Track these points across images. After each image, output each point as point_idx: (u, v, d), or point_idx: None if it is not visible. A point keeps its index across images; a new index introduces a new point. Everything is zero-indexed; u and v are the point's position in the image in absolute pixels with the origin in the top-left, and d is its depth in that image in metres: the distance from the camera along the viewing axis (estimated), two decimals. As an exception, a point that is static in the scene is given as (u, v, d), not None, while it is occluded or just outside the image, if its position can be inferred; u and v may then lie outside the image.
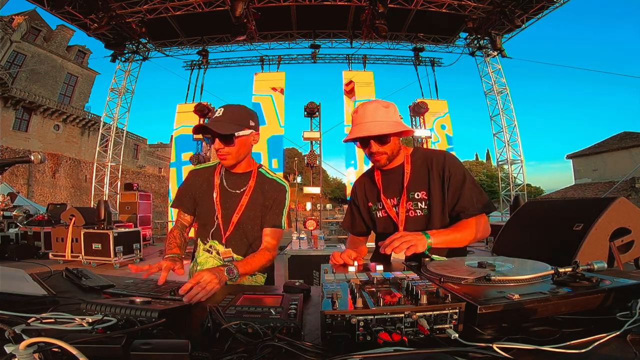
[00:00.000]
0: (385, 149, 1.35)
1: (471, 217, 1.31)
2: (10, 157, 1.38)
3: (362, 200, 1.55)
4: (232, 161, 1.45)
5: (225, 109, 1.41)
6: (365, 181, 1.56)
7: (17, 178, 18.79)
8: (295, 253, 4.23)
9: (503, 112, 11.92)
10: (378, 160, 1.38)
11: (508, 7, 8.94)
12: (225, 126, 1.38)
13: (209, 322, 0.69)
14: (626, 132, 19.87)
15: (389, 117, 1.32)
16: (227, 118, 1.39)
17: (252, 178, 1.51)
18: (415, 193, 1.38)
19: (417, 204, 1.37)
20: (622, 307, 0.71)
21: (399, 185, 1.41)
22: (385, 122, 1.31)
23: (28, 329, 0.67)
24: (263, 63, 11.83)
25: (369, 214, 1.53)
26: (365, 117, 1.33)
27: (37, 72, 21.87)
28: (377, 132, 1.29)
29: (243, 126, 1.41)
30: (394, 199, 1.42)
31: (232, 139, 1.39)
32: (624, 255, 1.65)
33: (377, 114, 1.32)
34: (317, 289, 1.13)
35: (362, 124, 1.32)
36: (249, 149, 1.48)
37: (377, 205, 1.48)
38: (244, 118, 1.43)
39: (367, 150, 1.37)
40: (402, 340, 0.60)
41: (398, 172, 1.43)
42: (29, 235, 7.54)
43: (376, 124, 1.30)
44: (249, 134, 1.43)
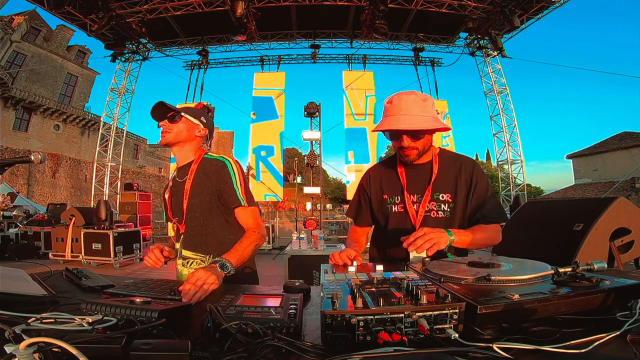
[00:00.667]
0: (417, 145, 1.29)
1: (490, 224, 1.32)
2: (10, 157, 1.38)
3: (376, 190, 1.46)
4: (170, 139, 1.48)
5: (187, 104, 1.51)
6: (383, 171, 1.48)
7: (17, 178, 18.79)
8: (295, 253, 4.23)
9: (503, 112, 11.92)
10: (408, 155, 1.32)
11: (508, 7, 8.94)
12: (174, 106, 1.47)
13: (209, 322, 0.69)
14: (626, 132, 19.86)
15: (427, 111, 1.25)
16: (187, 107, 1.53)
17: (195, 164, 1.50)
18: (440, 194, 1.34)
19: (440, 205, 1.34)
20: (622, 307, 0.71)
21: (425, 182, 1.36)
22: (422, 117, 1.23)
23: (28, 329, 0.67)
24: (263, 63, 11.83)
25: (381, 206, 1.45)
26: (401, 108, 1.25)
27: (37, 72, 21.87)
28: (412, 126, 1.23)
29: (194, 116, 1.50)
30: (415, 196, 1.37)
31: (176, 117, 1.46)
32: (624, 255, 1.65)
33: (414, 107, 1.24)
34: (317, 289, 1.13)
35: (396, 116, 1.25)
36: (191, 136, 1.51)
37: (394, 199, 1.40)
38: (200, 112, 1.54)
39: (397, 143, 1.31)
40: (402, 340, 0.60)
41: (425, 170, 1.38)
42: (29, 235, 7.54)
43: (412, 118, 1.23)
44: (196, 122, 1.51)
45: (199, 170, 1.48)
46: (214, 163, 1.47)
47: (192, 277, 1.07)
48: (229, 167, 1.45)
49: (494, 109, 12.12)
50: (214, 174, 1.44)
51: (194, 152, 1.53)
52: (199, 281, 1.05)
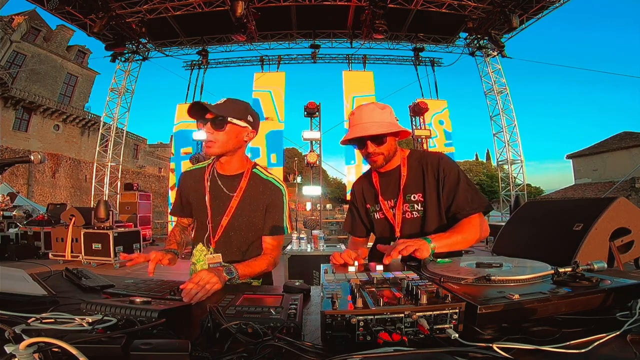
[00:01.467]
0: (382, 150, 1.36)
1: (468, 216, 1.30)
2: (10, 157, 1.38)
3: (361, 202, 1.56)
4: (217, 150, 1.34)
5: (227, 99, 1.38)
6: (363, 183, 1.57)
7: (17, 178, 18.79)
8: (295, 253, 4.23)
9: (503, 112, 11.92)
10: (375, 161, 1.39)
11: (508, 7, 8.95)
12: (220, 108, 1.32)
13: (209, 322, 0.69)
14: (626, 132, 19.86)
15: (385, 118, 1.35)
16: (226, 106, 1.34)
17: (244, 179, 1.42)
18: (411, 195, 1.39)
19: (413, 205, 1.39)
20: (622, 307, 0.71)
21: (396, 187, 1.42)
22: (381, 123, 1.33)
23: (28, 329, 0.67)
24: (263, 63, 11.83)
25: (367, 215, 1.55)
26: (361, 118, 1.35)
27: (37, 72, 21.87)
28: (373, 132, 1.31)
29: (240, 117, 1.34)
30: (391, 201, 1.44)
31: (224, 124, 1.31)
32: (624, 255, 1.65)
33: (373, 114, 1.34)
34: (317, 289, 1.13)
35: (358, 125, 1.35)
36: (239, 143, 1.39)
37: (374, 207, 1.49)
38: (244, 111, 1.37)
39: (364, 151, 1.39)
40: (402, 340, 0.60)
41: (395, 174, 1.44)
42: (29, 235, 7.54)
43: (372, 125, 1.32)
44: (243, 126, 1.36)
45: (248, 189, 1.42)
46: (270, 187, 1.43)
47: (196, 277, 1.07)
48: (283, 194, 1.46)
49: (494, 109, 12.13)
50: (266, 197, 1.42)
51: (241, 162, 1.45)
52: (202, 281, 1.05)
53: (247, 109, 1.40)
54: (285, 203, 1.46)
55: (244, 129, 1.37)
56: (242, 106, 1.39)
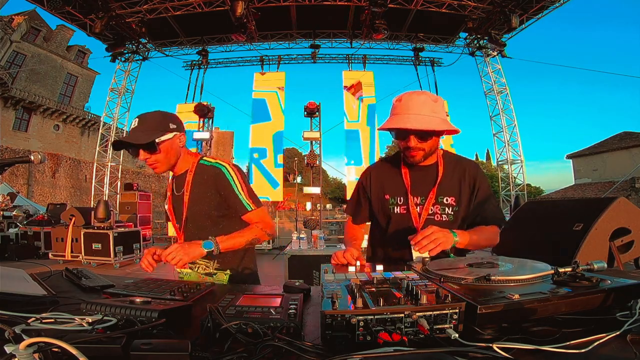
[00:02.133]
0: (425, 146, 1.27)
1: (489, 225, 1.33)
2: (10, 157, 1.38)
3: (378, 189, 1.44)
4: (163, 168, 1.41)
5: (140, 118, 1.36)
6: (386, 171, 1.45)
7: (17, 178, 18.79)
8: (295, 253, 4.23)
9: (503, 112, 11.92)
10: (414, 155, 1.29)
11: (508, 7, 8.94)
12: (142, 136, 1.32)
13: (209, 322, 0.69)
14: (626, 132, 19.86)
15: (437, 112, 1.23)
16: (145, 127, 1.34)
17: (190, 172, 1.46)
18: (444, 198, 1.34)
19: (444, 208, 1.34)
20: (622, 307, 0.71)
21: (429, 185, 1.35)
22: (431, 118, 1.21)
23: (28, 329, 0.67)
24: (263, 63, 11.82)
25: (382, 205, 1.42)
26: (410, 107, 1.22)
27: (37, 72, 21.87)
28: (422, 126, 1.20)
29: (163, 131, 1.36)
30: (418, 198, 1.35)
31: (155, 146, 1.34)
32: (624, 255, 1.65)
33: (424, 107, 1.22)
34: (317, 289, 1.13)
35: (405, 115, 1.22)
36: (177, 151, 1.43)
37: (396, 200, 1.38)
38: (162, 123, 1.37)
39: (403, 143, 1.28)
40: (402, 340, 0.60)
41: (429, 172, 1.36)
42: (29, 235, 7.54)
43: (422, 118, 1.20)
44: (172, 137, 1.38)
45: (195, 180, 1.46)
46: (210, 170, 1.45)
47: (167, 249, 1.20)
48: (225, 173, 1.43)
49: (494, 109, 12.12)
50: (211, 181, 1.43)
51: (186, 161, 1.49)
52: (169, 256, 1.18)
53: (164, 119, 1.39)
54: (233, 180, 1.42)
55: (174, 138, 1.40)
56: (158, 118, 1.38)
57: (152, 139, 1.32)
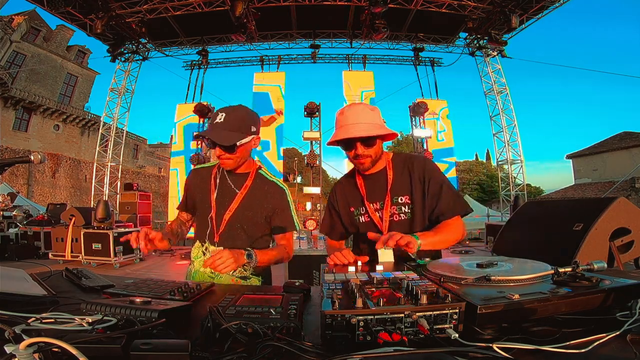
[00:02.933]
0: (370, 152, 1.34)
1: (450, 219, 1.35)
2: (10, 157, 1.38)
3: (343, 204, 1.52)
4: (233, 165, 1.45)
5: (226, 113, 1.36)
6: (346, 185, 1.54)
7: (17, 178, 18.79)
8: (295, 253, 4.20)
9: (503, 112, 11.91)
10: (362, 163, 1.37)
11: (508, 7, 8.94)
12: (226, 135, 1.34)
13: (209, 322, 0.69)
14: (626, 132, 19.86)
15: (375, 119, 1.32)
16: (229, 125, 1.35)
17: (250, 178, 1.50)
18: (398, 197, 1.39)
19: (400, 208, 1.39)
20: (622, 307, 0.71)
21: (383, 189, 1.41)
22: (371, 124, 1.30)
23: (28, 329, 0.67)
24: (263, 63, 11.82)
25: (350, 218, 1.51)
26: (350, 118, 1.31)
27: (37, 72, 21.87)
28: (364, 133, 1.28)
29: (245, 133, 1.38)
30: (377, 203, 1.42)
31: (234, 148, 1.37)
32: (624, 255, 1.65)
33: (363, 115, 1.31)
34: (317, 289, 1.13)
35: (347, 126, 1.31)
36: (249, 153, 1.48)
37: (359, 210, 1.46)
38: (246, 124, 1.39)
39: (351, 152, 1.36)
40: (402, 340, 0.60)
41: (381, 177, 1.43)
42: (29, 235, 7.53)
43: (362, 126, 1.29)
44: (250, 140, 1.40)
45: (254, 187, 1.49)
46: (274, 187, 1.51)
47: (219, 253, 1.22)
48: (287, 195, 1.52)
49: (493, 109, 12.11)
50: (272, 198, 1.49)
51: (247, 163, 1.52)
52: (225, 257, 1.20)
53: (248, 119, 1.40)
54: (291, 202, 1.53)
55: (251, 140, 1.42)
56: (243, 118, 1.39)
57: (234, 142, 1.35)
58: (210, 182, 1.53)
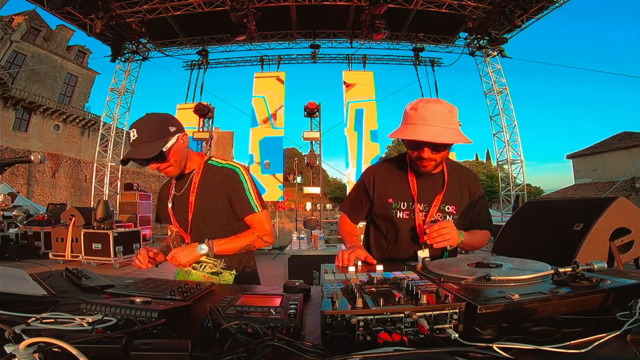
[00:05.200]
0: (437, 157, 1.26)
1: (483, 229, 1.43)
2: (10, 157, 1.37)
3: (380, 192, 1.42)
4: (176, 171, 1.42)
5: (137, 128, 1.31)
6: (390, 174, 1.43)
7: (17, 178, 18.78)
8: (295, 253, 4.22)
9: (503, 112, 11.91)
10: (425, 166, 1.28)
11: (508, 7, 8.94)
12: (147, 148, 1.29)
13: (209, 322, 0.69)
14: (626, 132, 19.85)
15: (452, 123, 1.19)
16: (145, 137, 1.31)
17: (197, 173, 1.47)
18: (446, 206, 1.38)
19: (445, 216, 1.37)
20: (622, 307, 0.71)
21: (434, 193, 1.37)
22: (447, 129, 1.18)
23: (28, 329, 0.67)
24: (263, 63, 11.82)
25: (383, 209, 1.41)
26: (426, 118, 1.18)
27: (37, 72, 21.87)
28: (438, 139, 1.17)
29: (165, 137, 1.33)
30: (422, 205, 1.37)
31: (164, 156, 1.33)
32: (624, 255, 1.65)
33: (440, 118, 1.18)
34: (317, 289, 1.13)
35: (421, 126, 1.18)
36: (184, 152, 1.42)
37: (399, 205, 1.38)
38: (161, 128, 1.34)
39: (416, 153, 1.26)
40: (402, 340, 0.60)
41: (436, 180, 1.38)
42: (29, 235, 7.53)
43: (438, 130, 1.17)
44: (176, 139, 1.36)
45: (203, 181, 1.46)
46: (224, 172, 1.47)
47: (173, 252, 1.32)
48: (240, 175, 1.46)
49: (494, 109, 12.11)
50: (224, 182, 1.45)
51: (192, 161, 1.49)
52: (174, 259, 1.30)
53: (161, 123, 1.36)
54: (245, 182, 1.45)
55: (177, 141, 1.37)
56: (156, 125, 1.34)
57: (158, 150, 1.29)
58: (168, 192, 1.55)
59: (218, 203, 1.45)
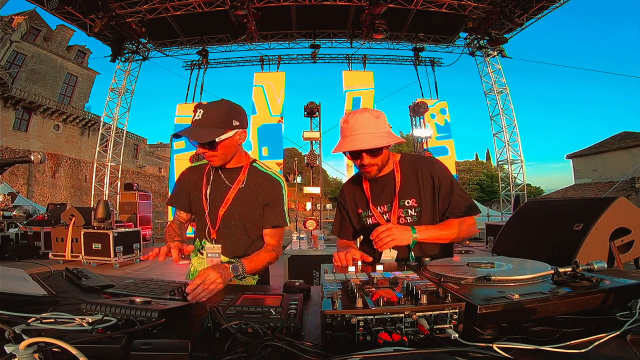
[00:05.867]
0: (377, 161, 1.34)
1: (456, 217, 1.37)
2: (10, 157, 1.38)
3: (352, 206, 1.53)
4: (219, 162, 1.41)
5: (204, 110, 1.32)
6: (354, 187, 1.54)
7: (17, 178, 18.79)
8: (295, 253, 4.23)
9: (503, 112, 11.92)
10: (369, 172, 1.37)
11: (508, 7, 8.94)
12: (204, 132, 1.30)
13: (209, 322, 0.69)
14: (626, 132, 19.86)
15: (380, 128, 1.30)
16: (207, 121, 1.30)
17: (243, 172, 1.46)
18: (405, 201, 1.40)
19: (407, 211, 1.39)
20: (622, 307, 0.71)
21: (390, 193, 1.41)
22: (377, 134, 1.28)
23: (28, 329, 0.67)
24: (263, 63, 11.83)
25: (358, 219, 1.52)
26: (356, 128, 1.29)
27: (37, 72, 21.86)
28: (370, 145, 1.27)
29: (225, 128, 1.32)
30: (385, 206, 1.42)
31: (215, 145, 1.33)
32: (624, 255, 1.65)
33: (369, 125, 1.29)
34: (317, 289, 1.13)
35: (353, 136, 1.29)
36: (235, 148, 1.42)
37: (367, 212, 1.47)
38: (226, 119, 1.34)
39: (357, 162, 1.35)
40: (402, 340, 0.60)
41: (388, 180, 1.43)
42: (29, 235, 7.53)
43: (368, 137, 1.27)
44: (232, 134, 1.35)
45: (247, 181, 1.46)
46: (269, 180, 1.47)
47: (204, 274, 1.07)
48: (282, 188, 1.48)
49: (494, 109, 12.12)
50: (267, 189, 1.45)
51: (239, 158, 1.48)
52: (208, 281, 1.06)
53: (229, 113, 1.35)
54: (285, 196, 1.49)
55: (234, 135, 1.37)
56: (223, 113, 1.34)
57: (212, 138, 1.29)
58: (203, 178, 1.51)
59: (253, 207, 1.45)
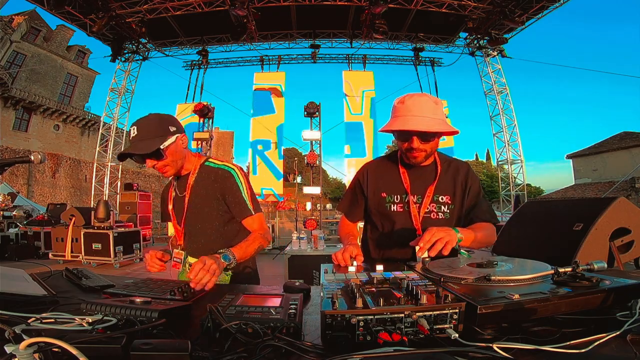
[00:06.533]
0: (427, 147, 1.29)
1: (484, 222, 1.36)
2: (10, 157, 1.38)
3: (374, 187, 1.44)
4: (172, 171, 1.42)
5: (138, 126, 1.33)
6: (383, 169, 1.46)
7: (17, 178, 18.80)
8: (295, 253, 4.23)
9: (503, 112, 11.92)
10: (416, 157, 1.31)
11: (508, 7, 8.94)
12: (147, 144, 1.31)
13: (209, 322, 0.69)
14: (626, 132, 19.85)
15: (438, 114, 1.24)
16: (146, 134, 1.33)
17: (192, 175, 1.47)
18: (440, 196, 1.37)
19: (440, 207, 1.37)
20: (622, 307, 0.71)
21: (426, 184, 1.38)
22: (434, 119, 1.22)
23: (28, 329, 0.67)
24: (263, 63, 11.84)
25: (377, 204, 1.43)
26: (412, 109, 1.23)
27: (37, 72, 21.86)
28: (425, 128, 1.21)
29: (164, 136, 1.34)
30: (415, 197, 1.38)
31: (161, 153, 1.34)
32: (624, 255, 1.65)
33: (426, 108, 1.23)
34: (317, 289, 1.13)
35: (408, 117, 1.23)
36: (182, 153, 1.43)
37: (393, 198, 1.39)
38: (162, 127, 1.36)
39: (406, 144, 1.29)
40: (402, 340, 0.60)
41: (427, 171, 1.39)
42: (29, 235, 7.53)
43: (424, 120, 1.21)
44: (174, 140, 1.37)
45: (198, 182, 1.47)
46: (219, 173, 1.46)
47: (200, 261, 1.09)
48: (235, 176, 1.45)
49: (494, 109, 12.12)
50: (218, 183, 1.45)
51: (190, 162, 1.50)
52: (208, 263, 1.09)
53: (162, 122, 1.37)
54: (241, 183, 1.45)
55: (176, 140, 1.38)
56: (156, 123, 1.36)
57: (156, 147, 1.31)
58: (169, 192, 1.57)
59: (211, 203, 1.45)
